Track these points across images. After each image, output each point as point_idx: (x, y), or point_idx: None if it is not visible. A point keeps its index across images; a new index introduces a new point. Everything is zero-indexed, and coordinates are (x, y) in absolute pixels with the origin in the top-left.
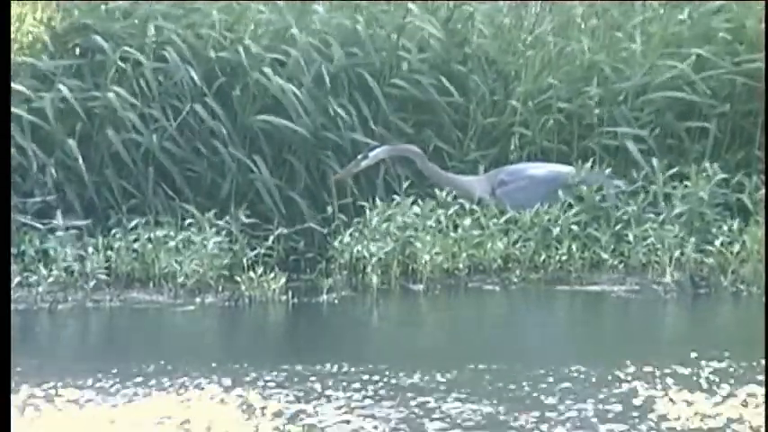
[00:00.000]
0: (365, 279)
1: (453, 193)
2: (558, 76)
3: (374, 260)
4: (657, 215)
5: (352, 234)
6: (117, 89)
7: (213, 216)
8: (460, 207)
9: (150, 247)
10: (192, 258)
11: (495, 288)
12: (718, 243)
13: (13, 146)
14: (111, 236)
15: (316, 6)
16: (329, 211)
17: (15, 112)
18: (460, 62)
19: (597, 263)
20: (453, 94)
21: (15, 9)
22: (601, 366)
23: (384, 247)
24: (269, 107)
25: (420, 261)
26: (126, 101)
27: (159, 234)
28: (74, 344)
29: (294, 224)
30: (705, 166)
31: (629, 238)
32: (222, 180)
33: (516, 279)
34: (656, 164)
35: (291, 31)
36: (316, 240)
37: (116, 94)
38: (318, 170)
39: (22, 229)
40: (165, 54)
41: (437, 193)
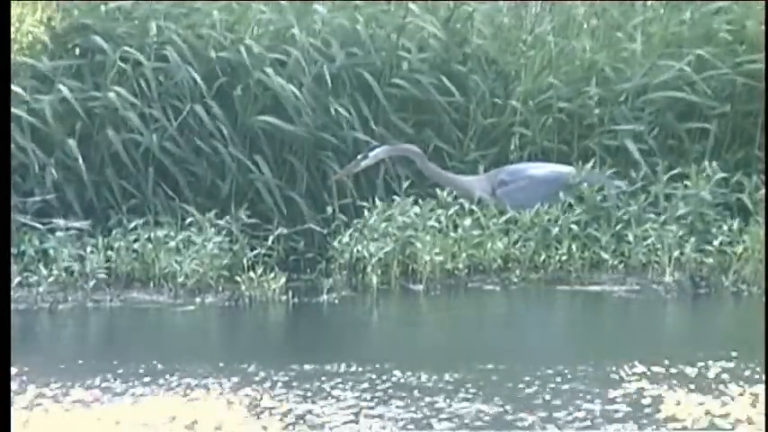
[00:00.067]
0: (365, 279)
1: (454, 193)
2: (559, 76)
3: (374, 260)
4: (658, 215)
5: (352, 234)
6: (117, 89)
7: (213, 216)
8: (460, 207)
9: (150, 247)
10: (193, 258)
11: (496, 288)
12: (717, 243)
13: (14, 146)
14: (111, 236)
15: (316, 6)
16: (329, 211)
17: (15, 112)
18: (460, 62)
19: (597, 263)
20: (453, 94)
21: (15, 9)
22: (606, 366)
23: (384, 247)
24: (269, 107)
25: (420, 261)
26: (126, 101)
27: (159, 234)
28: (77, 344)
29: (294, 224)
30: (705, 165)
31: (629, 238)
32: (222, 180)
33: (516, 279)
34: (659, 164)
35: (292, 31)
36: (316, 240)
37: (116, 95)
38: (319, 170)
39: (21, 229)
40: (166, 54)
41: (438, 192)
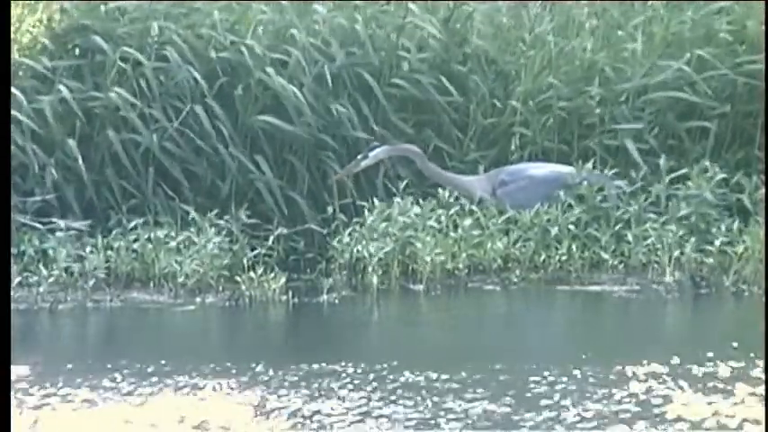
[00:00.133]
0: (365, 279)
1: (454, 193)
2: (559, 75)
3: (374, 260)
4: (659, 215)
5: (351, 234)
6: (118, 90)
7: (213, 216)
8: (461, 207)
9: (150, 247)
10: (193, 258)
11: (496, 288)
12: (717, 243)
13: (13, 146)
14: (111, 236)
15: (316, 6)
16: (329, 211)
17: (15, 112)
18: (460, 62)
19: (597, 263)
20: (453, 94)
21: (15, 10)
22: (611, 366)
23: (384, 247)
24: (270, 107)
25: (420, 261)
26: (126, 101)
27: (159, 234)
28: (79, 344)
29: (294, 224)
30: (707, 166)
31: (628, 238)
32: (222, 180)
33: (516, 279)
34: (662, 164)
35: (292, 31)
36: (316, 240)
37: (117, 95)
38: (319, 170)
39: (21, 229)
40: (166, 54)
41: (439, 192)
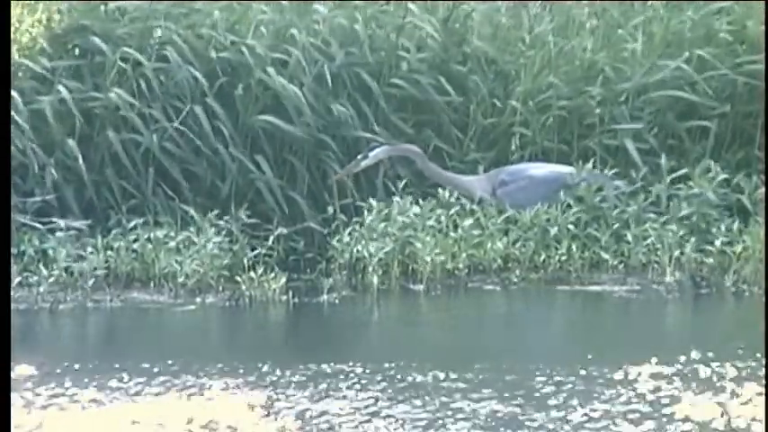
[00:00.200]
0: (365, 279)
1: (454, 193)
2: (558, 75)
3: (374, 260)
4: (659, 215)
5: (351, 234)
6: (118, 90)
7: (213, 216)
8: (461, 207)
9: (150, 247)
10: (193, 258)
11: (496, 288)
12: (718, 243)
13: (13, 146)
14: (111, 236)
15: (317, 6)
16: (329, 210)
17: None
18: (460, 62)
19: (597, 263)
20: (452, 94)
21: (15, 10)
22: (616, 366)
23: (384, 247)
24: (270, 107)
25: (420, 261)
26: (126, 101)
27: (159, 234)
28: (81, 344)
29: (294, 224)
30: (710, 166)
31: (628, 238)
32: (222, 180)
33: (516, 279)
34: (663, 164)
35: (292, 31)
36: (316, 240)
37: (117, 95)
38: (319, 170)
39: (21, 229)
40: (167, 54)
41: (439, 192)
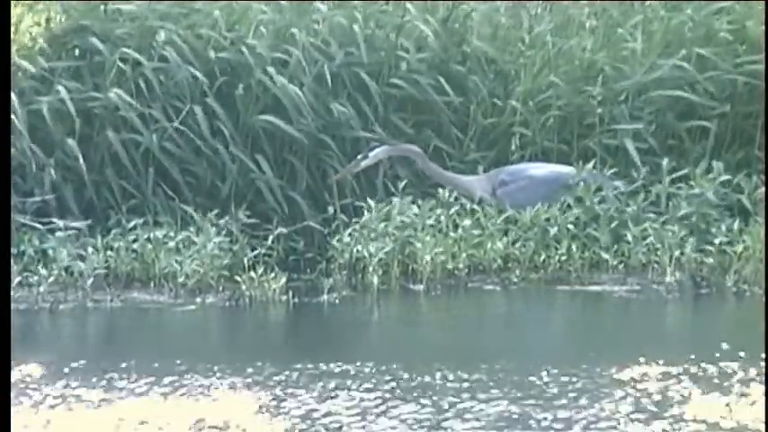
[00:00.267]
0: (365, 279)
1: (454, 193)
2: (558, 75)
3: (374, 260)
4: (659, 215)
5: (351, 234)
6: (117, 90)
7: (213, 216)
8: (461, 207)
9: (150, 247)
10: (193, 258)
11: (496, 288)
12: (717, 243)
13: (13, 146)
14: (111, 236)
15: (317, 5)
16: (329, 210)
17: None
18: (459, 62)
19: (597, 263)
20: (452, 95)
21: (14, 10)
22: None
23: (384, 247)
24: (270, 107)
25: (420, 261)
26: (126, 101)
27: (159, 234)
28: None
29: (294, 224)
30: (711, 165)
31: (628, 238)
32: (222, 180)
33: (516, 279)
34: (663, 164)
35: (292, 31)
36: (316, 240)
37: (116, 95)
38: (319, 170)
39: (21, 229)
40: (166, 54)
41: (439, 192)
